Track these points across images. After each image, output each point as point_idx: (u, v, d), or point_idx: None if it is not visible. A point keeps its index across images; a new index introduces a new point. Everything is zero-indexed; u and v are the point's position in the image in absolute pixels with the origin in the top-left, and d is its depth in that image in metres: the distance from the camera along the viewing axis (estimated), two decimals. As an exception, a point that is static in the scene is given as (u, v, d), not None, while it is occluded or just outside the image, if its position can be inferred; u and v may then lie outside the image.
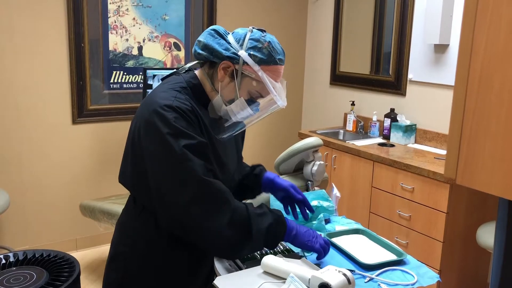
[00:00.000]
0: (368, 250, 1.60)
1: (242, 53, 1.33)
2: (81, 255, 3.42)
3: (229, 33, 1.40)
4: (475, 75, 0.82)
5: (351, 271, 1.41)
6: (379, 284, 1.39)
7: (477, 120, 0.82)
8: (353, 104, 3.89)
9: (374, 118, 3.70)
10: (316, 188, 2.02)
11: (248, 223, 1.31)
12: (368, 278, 1.42)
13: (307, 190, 1.99)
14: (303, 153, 1.98)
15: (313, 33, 4.41)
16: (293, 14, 4.35)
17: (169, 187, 1.27)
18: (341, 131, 3.89)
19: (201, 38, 1.38)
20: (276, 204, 1.80)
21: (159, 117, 1.26)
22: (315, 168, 1.97)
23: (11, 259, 1.59)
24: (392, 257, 1.55)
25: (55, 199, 3.40)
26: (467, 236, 2.86)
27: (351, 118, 3.87)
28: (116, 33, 3.46)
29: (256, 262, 1.44)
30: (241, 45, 1.35)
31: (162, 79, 1.47)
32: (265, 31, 1.40)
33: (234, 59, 1.34)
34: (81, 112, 3.40)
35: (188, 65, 1.47)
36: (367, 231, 1.72)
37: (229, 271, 1.43)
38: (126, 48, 3.52)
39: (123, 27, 3.48)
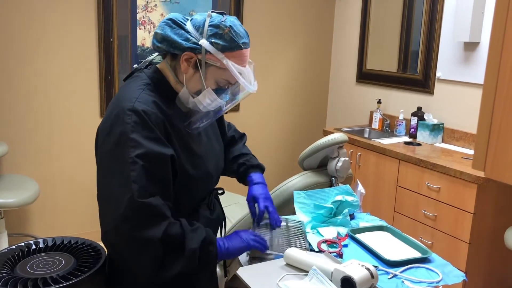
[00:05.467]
0: (392, 247, 1.59)
1: (203, 42, 1.26)
2: (107, 246, 3.49)
3: (188, 20, 1.33)
4: (506, 70, 0.80)
5: (375, 267, 1.40)
6: (402, 281, 1.38)
7: (507, 115, 0.80)
8: (379, 102, 3.84)
9: (401, 117, 3.65)
10: (340, 184, 2.00)
11: (181, 239, 1.24)
12: (391, 275, 1.41)
13: (331, 186, 1.98)
14: (327, 149, 1.97)
15: (340, 29, 4.38)
16: (320, 9, 4.33)
17: (104, 206, 1.24)
18: (367, 129, 3.85)
19: (158, 30, 1.31)
20: (299, 200, 1.80)
21: (118, 123, 1.22)
22: (339, 164, 1.96)
23: (41, 245, 1.63)
24: (416, 254, 1.53)
25: (83, 191, 3.48)
26: (494, 237, 2.80)
27: (377, 116, 3.83)
28: (144, 28, 3.51)
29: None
30: (201, 33, 1.27)
31: (125, 79, 1.41)
32: (225, 13, 1.32)
33: (196, 49, 1.27)
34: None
35: (149, 58, 1.42)
36: (391, 228, 1.70)
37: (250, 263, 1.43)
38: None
39: (151, 23, 3.53)
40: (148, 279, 1.25)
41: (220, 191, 1.63)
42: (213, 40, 1.27)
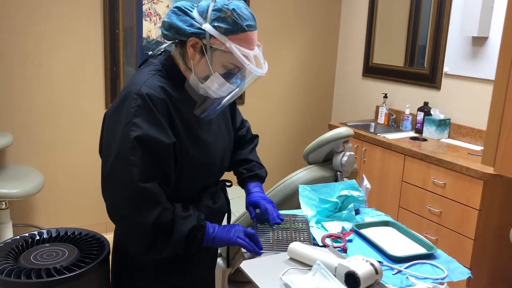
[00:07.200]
0: (397, 243, 1.58)
1: (206, 27, 1.26)
2: (110, 238, 3.50)
3: (195, 7, 1.34)
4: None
5: (379, 262, 1.39)
6: (407, 277, 1.37)
7: (519, 109, 0.79)
8: (385, 96, 3.82)
9: (407, 112, 3.62)
10: (345, 179, 1.99)
11: (171, 225, 1.28)
12: (396, 270, 1.40)
13: (336, 180, 1.97)
14: (333, 143, 1.96)
15: (346, 23, 4.35)
16: (327, 3, 4.30)
17: (105, 183, 1.29)
18: (372, 123, 3.83)
19: (165, 18, 1.34)
20: (304, 194, 1.79)
21: (124, 105, 1.26)
22: (345, 158, 1.94)
23: (45, 235, 1.64)
24: (422, 250, 1.52)
25: (87, 182, 3.48)
26: (500, 234, 2.78)
27: (383, 111, 3.80)
28: (150, 20, 3.50)
29: None
30: (205, 18, 1.29)
31: (140, 65, 1.45)
32: None
33: (200, 34, 1.28)
34: (114, 98, 3.46)
35: (163, 46, 1.45)
36: (396, 224, 1.69)
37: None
38: (160, 35, 3.56)
39: (156, 15, 3.51)
40: (139, 255, 1.34)
41: (228, 183, 1.64)
42: (216, 24, 1.27)
